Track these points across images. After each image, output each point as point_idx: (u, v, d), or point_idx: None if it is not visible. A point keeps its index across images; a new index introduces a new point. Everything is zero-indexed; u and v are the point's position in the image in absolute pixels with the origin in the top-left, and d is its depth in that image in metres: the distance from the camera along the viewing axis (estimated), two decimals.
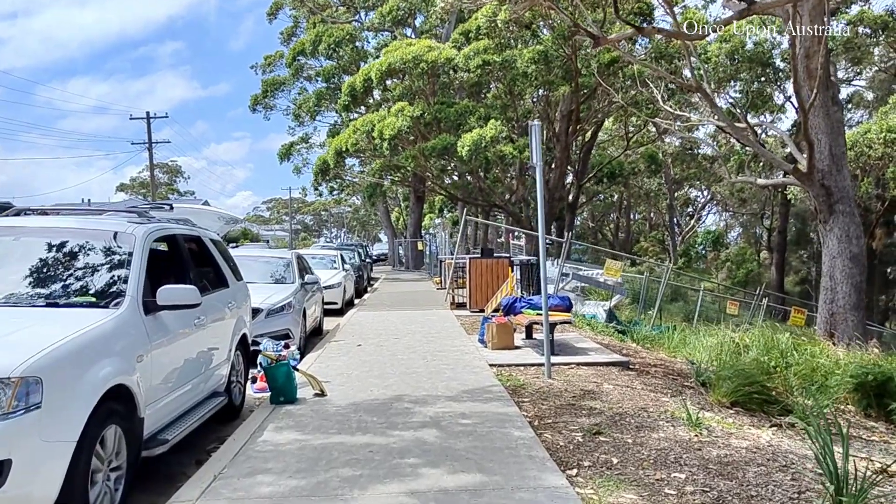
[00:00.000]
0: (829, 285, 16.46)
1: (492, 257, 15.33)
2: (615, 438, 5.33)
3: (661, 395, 7.19)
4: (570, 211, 38.11)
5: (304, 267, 12.03)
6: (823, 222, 16.50)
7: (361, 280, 23.03)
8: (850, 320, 16.18)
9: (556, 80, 30.04)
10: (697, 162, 51.33)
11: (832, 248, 16.35)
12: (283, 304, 9.87)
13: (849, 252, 16.14)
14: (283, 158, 43.00)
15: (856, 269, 16.24)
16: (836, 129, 16.63)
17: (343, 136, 30.60)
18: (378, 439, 5.28)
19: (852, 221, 16.33)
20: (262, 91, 41.23)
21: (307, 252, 19.83)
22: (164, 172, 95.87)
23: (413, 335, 11.54)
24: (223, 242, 7.14)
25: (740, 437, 5.62)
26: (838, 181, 16.25)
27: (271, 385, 6.59)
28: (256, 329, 9.30)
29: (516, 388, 7.14)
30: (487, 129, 26.07)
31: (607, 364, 8.62)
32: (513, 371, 8.20)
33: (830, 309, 16.36)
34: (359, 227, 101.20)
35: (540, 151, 7.65)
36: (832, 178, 16.23)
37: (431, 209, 56.84)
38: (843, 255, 16.18)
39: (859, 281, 16.49)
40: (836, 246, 16.29)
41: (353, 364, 8.76)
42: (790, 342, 10.87)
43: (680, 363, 10.10)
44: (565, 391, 7.02)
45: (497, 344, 9.59)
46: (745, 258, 44.39)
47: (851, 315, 16.17)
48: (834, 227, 16.34)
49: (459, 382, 7.42)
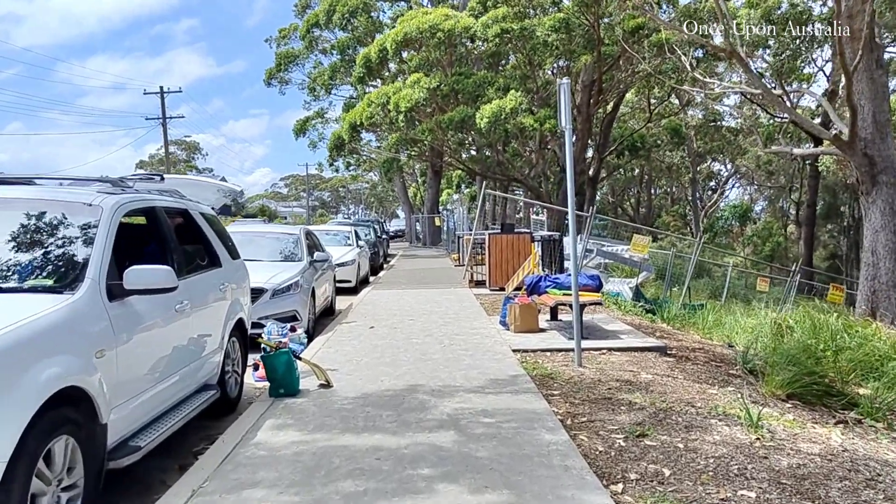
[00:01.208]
0: (871, 261, 15.56)
1: (512, 233, 14.54)
2: (663, 442, 4.57)
3: (706, 385, 6.41)
4: (592, 185, 37.10)
5: (313, 244, 11.32)
6: (866, 194, 15.54)
7: (377, 257, 22.34)
8: (894, 297, 15.29)
9: (577, 49, 28.95)
10: (721, 134, 49.97)
11: (875, 222, 15.41)
12: (289, 284, 9.17)
13: (892, 226, 15.22)
14: (298, 133, 42.28)
15: None
16: (880, 93, 15.60)
17: (358, 110, 29.76)
18: (387, 442, 4.57)
19: None
20: (276, 64, 40.41)
21: (319, 228, 19.14)
22: (182, 149, 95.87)
23: (429, 316, 10.82)
24: (217, 217, 6.42)
25: (808, 440, 4.84)
26: (882, 150, 15.28)
27: (270, 376, 5.89)
28: (260, 311, 8.65)
29: (544, 378, 6.39)
30: (507, 100, 25.12)
31: (642, 349, 7.84)
32: (539, 358, 7.45)
33: (872, 286, 15.47)
34: (376, 203, 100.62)
35: (569, 113, 6.82)
36: (875, 146, 15.26)
37: (449, 185, 55.99)
38: (887, 228, 15.26)
39: None
40: (879, 219, 15.35)
41: (363, 349, 8.06)
42: (840, 323, 10.01)
43: (720, 347, 9.29)
44: (599, 382, 6.26)
45: (520, 326, 8.84)
46: (771, 232, 43.13)
47: (894, 292, 15.27)
48: (877, 199, 15.38)
49: (480, 371, 6.68)
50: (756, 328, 10.79)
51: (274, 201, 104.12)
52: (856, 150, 15.20)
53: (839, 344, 9.43)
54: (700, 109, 49.72)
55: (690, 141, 49.14)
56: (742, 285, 30.06)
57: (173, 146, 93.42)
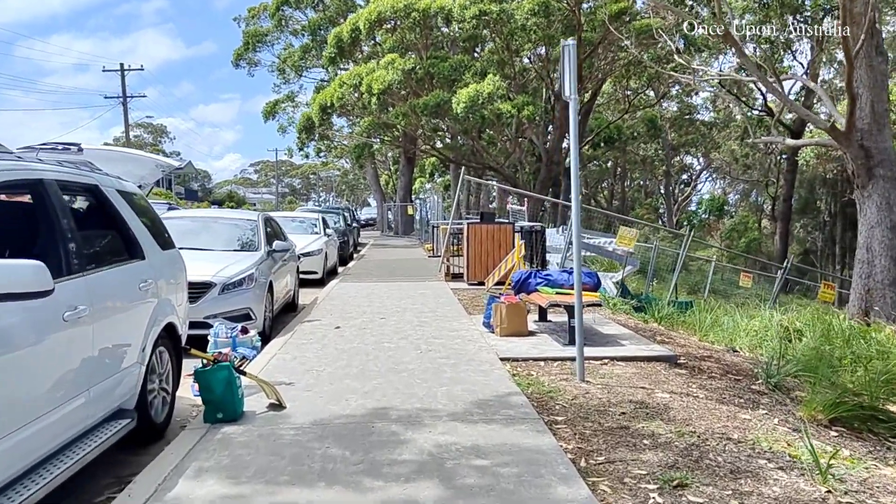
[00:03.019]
0: (865, 258, 14.77)
1: (493, 223, 13.43)
2: (710, 497, 3.51)
3: (734, 408, 5.38)
4: (568, 176, 36.19)
5: (273, 231, 10.09)
6: (861, 188, 14.73)
7: (346, 246, 21.10)
8: (889, 297, 14.53)
9: (556, 34, 27.98)
10: (696, 128, 49.58)
11: (870, 217, 14.61)
12: (242, 277, 7.96)
13: (889, 221, 14.43)
14: (267, 117, 40.71)
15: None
16: (879, 82, 14.75)
17: (329, 91, 28.40)
18: (349, 499, 3.44)
19: (893, 187, 14.57)
20: (243, 43, 38.72)
21: (284, 215, 17.88)
22: (149, 133, 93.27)
23: (403, 314, 9.69)
24: (143, 197, 5.21)
25: (885, 490, 3.82)
26: (879, 142, 14.46)
27: (205, 397, 4.71)
28: (207, 309, 7.46)
29: (543, 398, 5.30)
30: (485, 84, 23.99)
31: (649, 359, 6.79)
32: (531, 369, 6.36)
33: (867, 284, 14.68)
34: (347, 191, 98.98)
35: (575, 80, 5.72)
36: (872, 137, 14.44)
37: (422, 173, 54.81)
38: (883, 224, 14.47)
39: None
40: (874, 214, 14.56)
41: (327, 355, 6.90)
42: (854, 328, 9.10)
43: (729, 354, 8.29)
44: (609, 404, 5.20)
45: (507, 329, 7.75)
46: (747, 227, 42.66)
47: (890, 291, 14.50)
48: (873, 193, 14.58)
49: (465, 388, 5.57)
50: (760, 331, 9.86)
51: (243, 187, 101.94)
52: (852, 141, 14.38)
53: (855, 351, 8.53)
54: (675, 102, 49.34)
55: (665, 133, 48.66)
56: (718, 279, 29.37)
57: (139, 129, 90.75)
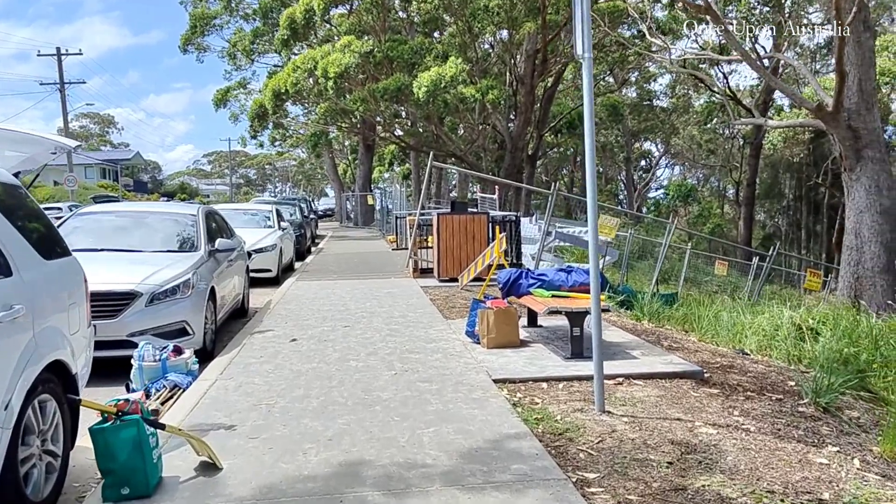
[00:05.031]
0: (854, 244, 14.02)
1: (465, 213, 12.20)
2: None
3: (798, 444, 4.26)
4: (531, 163, 35.31)
5: (217, 227, 8.69)
6: (849, 170, 13.95)
7: (303, 239, 19.65)
8: (880, 284, 13.83)
9: (519, 16, 26.89)
10: (655, 114, 49.19)
11: (859, 202, 13.85)
12: (176, 284, 6.58)
13: (879, 205, 13.69)
14: (218, 105, 38.70)
15: (886, 226, 13.84)
16: (867, 59, 13.95)
17: (282, 76, 26.76)
18: None
19: (883, 169, 13.84)
20: (191, 27, 36.64)
21: (235, 207, 16.39)
22: (95, 123, 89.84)
23: (370, 319, 8.41)
24: (19, 187, 3.83)
25: None
26: (868, 122, 13.69)
27: (105, 466, 3.38)
28: (131, 324, 6.12)
29: (560, 441, 4.11)
30: (447, 67, 22.68)
31: (671, 376, 5.65)
32: (534, 394, 5.16)
33: (856, 272, 13.95)
34: (305, 181, 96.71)
35: (589, 34, 4.51)
36: (861, 118, 13.66)
37: (381, 162, 53.26)
38: (872, 208, 13.73)
39: (890, 239, 14.10)
40: (863, 198, 13.79)
41: (281, 380, 5.60)
42: (880, 326, 8.13)
43: (745, 360, 7.21)
44: (647, 446, 4.03)
45: (496, 340, 6.54)
46: (711, 213, 42.29)
47: (881, 279, 13.80)
48: (861, 176, 13.81)
49: (458, 427, 4.34)
50: (769, 330, 8.84)
51: (196, 179, 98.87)
52: (840, 121, 13.57)
53: (885, 353, 7.56)
54: (634, 88, 48.88)
55: (625, 119, 48.25)
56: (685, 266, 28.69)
57: (84, 119, 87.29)
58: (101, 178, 59.26)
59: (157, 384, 5.48)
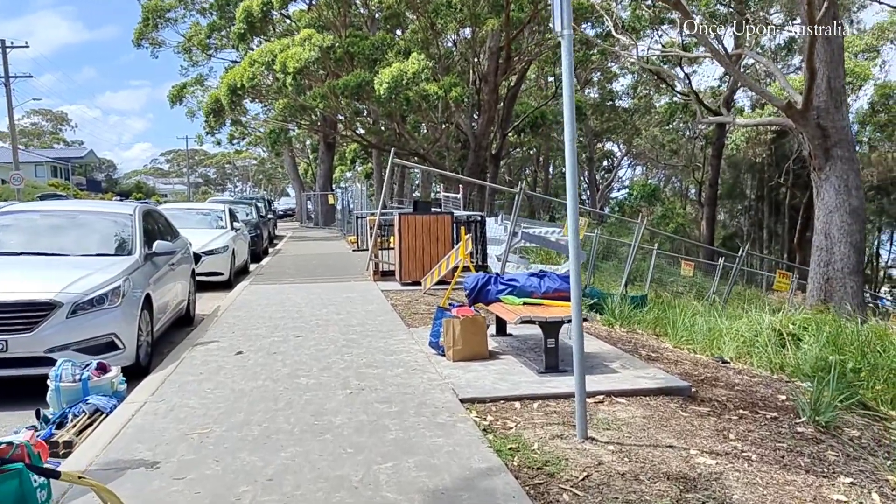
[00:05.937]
0: (823, 245, 13.80)
1: (429, 213, 11.60)
2: None
3: (807, 476, 3.76)
4: (494, 162, 34.85)
5: (157, 228, 7.94)
6: (818, 170, 13.71)
7: (260, 240, 18.83)
8: (850, 286, 13.65)
9: (483, 13, 26.38)
10: (617, 114, 49.30)
11: (828, 202, 13.63)
12: (103, 293, 5.84)
13: (848, 205, 13.51)
14: (174, 101, 37.47)
15: (855, 226, 13.69)
16: (836, 56, 13.74)
17: (238, 70, 25.84)
18: None
19: (852, 168, 13.64)
20: (143, 20, 35.29)
21: (184, 207, 15.53)
22: (48, 120, 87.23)
23: (325, 328, 7.76)
24: None
25: None
26: (836, 120, 13.48)
27: None
28: (50, 338, 5.40)
29: (540, 478, 3.54)
30: (409, 63, 22.06)
31: (655, 392, 5.13)
32: (506, 416, 4.59)
33: (826, 273, 13.73)
34: (265, 180, 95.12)
35: (569, 12, 3.96)
36: (829, 116, 13.44)
37: (342, 161, 52.35)
38: (842, 208, 13.54)
39: (858, 240, 13.94)
40: (832, 198, 13.58)
41: (219, 402, 4.94)
42: (868, 332, 7.75)
43: (726, 370, 6.75)
44: (639, 481, 3.48)
45: (462, 352, 5.95)
46: (674, 213, 42.37)
47: (850, 280, 13.63)
48: (830, 175, 13.59)
49: (420, 461, 3.74)
50: (748, 336, 8.43)
51: (153, 177, 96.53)
52: (809, 120, 13.32)
53: (872, 361, 7.17)
54: (597, 89, 48.97)
55: (587, 120, 48.32)
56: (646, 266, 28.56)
57: (36, 116, 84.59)
58: (52, 177, 57.24)
59: (76, 408, 4.78)
